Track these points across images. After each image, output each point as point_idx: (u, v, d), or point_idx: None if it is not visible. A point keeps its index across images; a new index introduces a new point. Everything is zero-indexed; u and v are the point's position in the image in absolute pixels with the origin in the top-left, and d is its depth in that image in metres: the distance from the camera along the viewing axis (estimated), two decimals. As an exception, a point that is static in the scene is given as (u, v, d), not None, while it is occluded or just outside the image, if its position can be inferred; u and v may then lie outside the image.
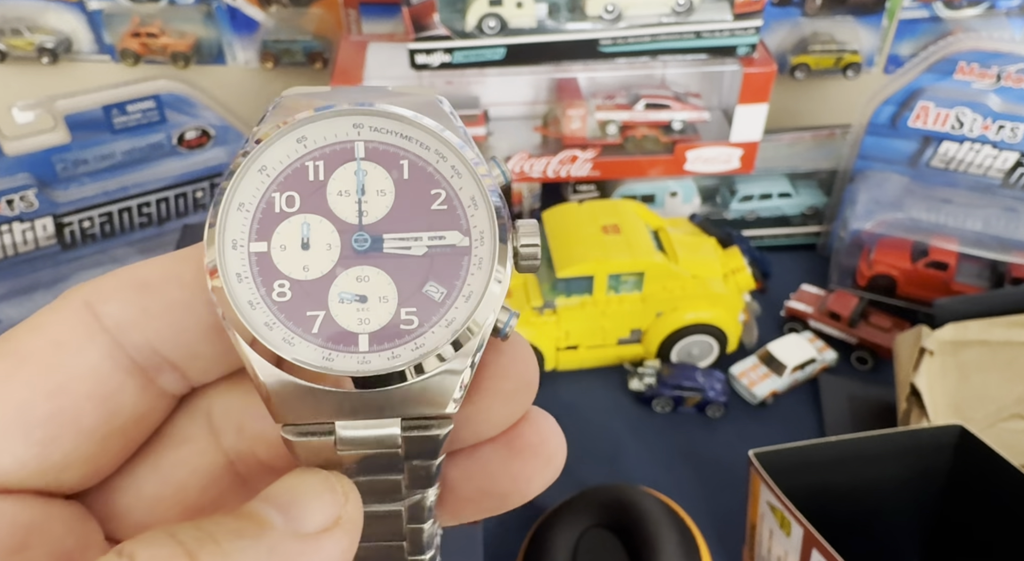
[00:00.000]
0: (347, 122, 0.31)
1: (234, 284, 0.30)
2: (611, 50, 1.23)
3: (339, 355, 0.30)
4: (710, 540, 0.94)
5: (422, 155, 0.31)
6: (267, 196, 0.31)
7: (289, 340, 0.30)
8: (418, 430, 0.31)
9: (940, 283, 1.24)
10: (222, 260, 0.30)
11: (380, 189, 0.31)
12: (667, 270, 1.15)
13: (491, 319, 0.31)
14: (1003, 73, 1.24)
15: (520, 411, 0.33)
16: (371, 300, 0.30)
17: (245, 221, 0.31)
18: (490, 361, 0.32)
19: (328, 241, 0.31)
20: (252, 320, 0.30)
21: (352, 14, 1.39)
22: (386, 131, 0.31)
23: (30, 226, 1.22)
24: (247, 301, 0.30)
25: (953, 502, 0.87)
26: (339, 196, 0.31)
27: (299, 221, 0.31)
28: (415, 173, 0.31)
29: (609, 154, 1.32)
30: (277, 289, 0.30)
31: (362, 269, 0.31)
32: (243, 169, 0.31)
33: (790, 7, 1.39)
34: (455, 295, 0.31)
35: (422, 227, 0.31)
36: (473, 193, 0.31)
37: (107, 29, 1.39)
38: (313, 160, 0.31)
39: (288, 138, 0.31)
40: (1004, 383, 1.03)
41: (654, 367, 1.19)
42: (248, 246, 0.31)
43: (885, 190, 1.33)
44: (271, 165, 0.31)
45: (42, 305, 0.32)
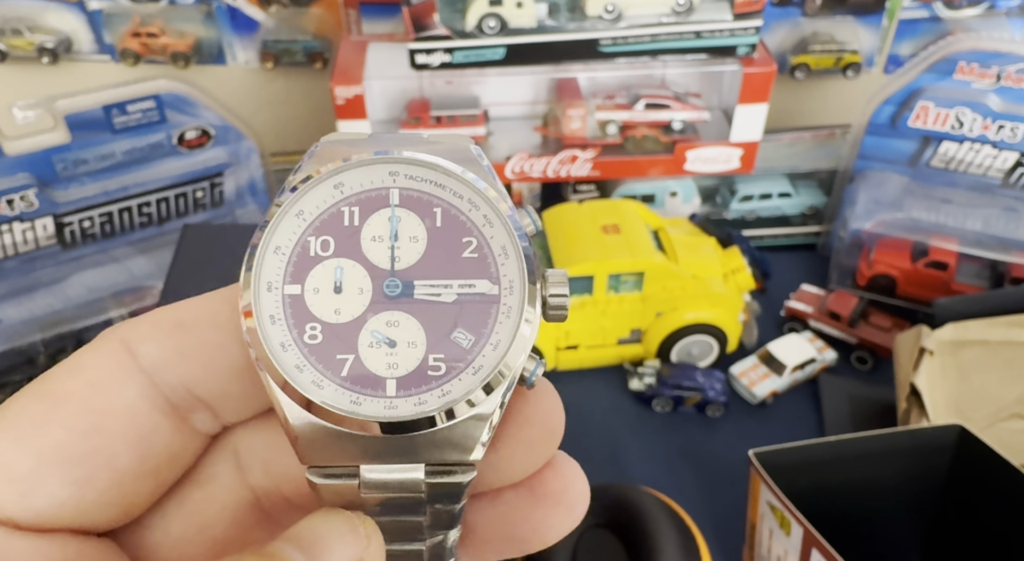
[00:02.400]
0: (384, 170, 0.32)
1: (267, 326, 0.31)
2: (611, 50, 1.23)
3: (366, 399, 0.31)
4: (710, 540, 0.94)
5: (455, 203, 0.32)
6: (303, 240, 0.32)
7: (318, 383, 0.30)
8: (442, 476, 0.31)
9: (940, 283, 1.24)
10: (257, 302, 0.31)
11: (413, 235, 0.32)
12: (667, 270, 1.15)
13: (519, 366, 0.31)
14: (1003, 73, 1.24)
15: (543, 459, 0.33)
16: (400, 345, 0.31)
17: (280, 264, 0.31)
18: (515, 409, 0.32)
19: (360, 285, 0.31)
20: (283, 362, 0.30)
21: (352, 14, 1.39)
22: (421, 179, 0.32)
23: (30, 226, 1.22)
24: (279, 343, 0.31)
25: (953, 502, 0.87)
26: (373, 241, 0.31)
27: (333, 265, 0.31)
28: (448, 221, 0.32)
29: (609, 154, 1.32)
30: (309, 332, 0.31)
31: (392, 314, 0.31)
32: (281, 213, 0.31)
33: (790, 7, 1.39)
34: (483, 343, 0.31)
35: (453, 275, 0.31)
36: (504, 242, 0.32)
37: (107, 29, 1.39)
38: (349, 206, 0.32)
39: (326, 184, 0.32)
40: (1004, 383, 1.03)
41: (654, 367, 1.19)
42: (282, 289, 0.31)
43: (885, 190, 1.33)
44: (308, 210, 0.32)
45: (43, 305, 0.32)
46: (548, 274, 0.32)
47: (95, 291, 1.23)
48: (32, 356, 1.16)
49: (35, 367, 1.16)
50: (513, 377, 0.31)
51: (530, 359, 0.31)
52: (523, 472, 0.33)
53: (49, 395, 0.30)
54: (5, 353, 1.15)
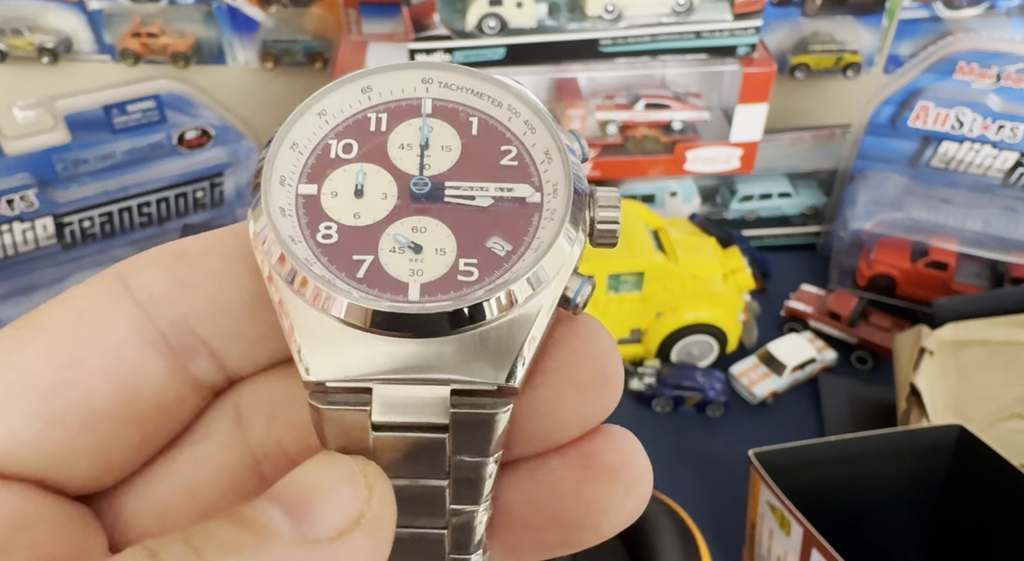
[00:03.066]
0: (416, 76, 0.29)
1: (277, 217, 0.27)
2: (611, 50, 1.23)
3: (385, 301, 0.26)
4: (710, 540, 0.94)
5: (493, 113, 0.29)
6: (323, 142, 0.29)
7: (328, 280, 0.26)
8: (470, 407, 0.26)
9: (940, 283, 1.24)
10: (267, 192, 0.27)
11: (445, 145, 0.29)
12: (667, 270, 1.15)
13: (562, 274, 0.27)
14: (1003, 73, 1.24)
15: (598, 411, 0.27)
16: (426, 251, 0.27)
17: (296, 161, 0.28)
18: (561, 341, 0.27)
19: (384, 190, 0.28)
20: (294, 252, 0.26)
21: (352, 14, 1.39)
22: (456, 87, 0.29)
23: (30, 226, 1.22)
24: (288, 235, 0.27)
25: (953, 502, 0.87)
26: (400, 149, 0.29)
27: (354, 169, 0.28)
28: (484, 130, 0.29)
29: (609, 154, 1.32)
30: (323, 231, 0.27)
31: (419, 219, 0.28)
32: (301, 109, 0.29)
33: (790, 7, 1.39)
34: (523, 250, 0.27)
35: (489, 178, 0.28)
36: (547, 146, 0.28)
37: (107, 29, 1.39)
38: (376, 112, 0.29)
39: (352, 86, 0.29)
40: (1004, 383, 1.03)
41: (654, 367, 1.19)
42: (296, 187, 0.28)
43: (885, 190, 1.33)
44: (331, 111, 0.29)
45: None
46: (598, 191, 0.28)
47: (95, 291, 1.23)
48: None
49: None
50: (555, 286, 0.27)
51: (575, 277, 0.27)
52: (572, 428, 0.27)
53: (29, 324, 0.26)
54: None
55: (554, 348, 0.27)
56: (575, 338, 0.27)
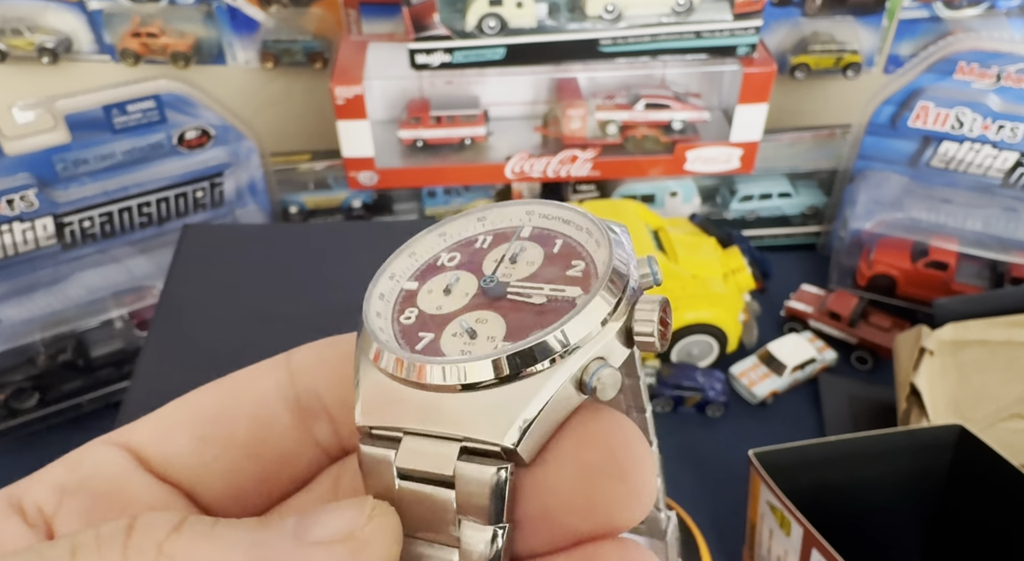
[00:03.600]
0: (521, 209, 0.35)
1: (374, 299, 0.33)
2: (611, 50, 1.23)
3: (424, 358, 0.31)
4: (710, 540, 0.94)
5: (578, 238, 0.33)
6: (437, 255, 0.34)
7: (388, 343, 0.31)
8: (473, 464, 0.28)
9: (940, 283, 1.24)
10: (375, 282, 0.33)
11: (530, 261, 0.33)
12: (667, 270, 1.15)
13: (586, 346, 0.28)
14: (1003, 73, 1.24)
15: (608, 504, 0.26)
16: (480, 337, 0.31)
17: (410, 266, 0.34)
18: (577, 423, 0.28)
19: (467, 291, 0.33)
20: (371, 324, 0.32)
21: (352, 14, 1.39)
22: (552, 217, 0.34)
23: (30, 226, 1.22)
24: (376, 311, 0.32)
25: (953, 502, 0.87)
26: (494, 262, 0.33)
27: (452, 275, 0.33)
28: (565, 249, 0.33)
29: (609, 154, 1.32)
30: (406, 314, 0.33)
31: (484, 313, 0.32)
32: (427, 231, 0.35)
33: (790, 7, 1.39)
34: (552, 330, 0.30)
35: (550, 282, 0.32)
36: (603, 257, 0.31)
37: (107, 29, 1.39)
38: (484, 234, 0.35)
39: (471, 216, 0.35)
40: (1004, 383, 1.03)
41: (654, 367, 1.19)
42: (402, 282, 0.34)
43: (885, 190, 1.33)
44: (450, 233, 0.35)
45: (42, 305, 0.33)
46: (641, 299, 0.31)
47: (95, 291, 1.23)
48: (32, 356, 1.16)
49: (35, 367, 1.16)
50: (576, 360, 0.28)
51: (596, 360, 0.28)
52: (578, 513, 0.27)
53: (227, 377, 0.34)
54: (5, 353, 1.15)
55: (569, 430, 0.28)
56: (592, 422, 0.28)
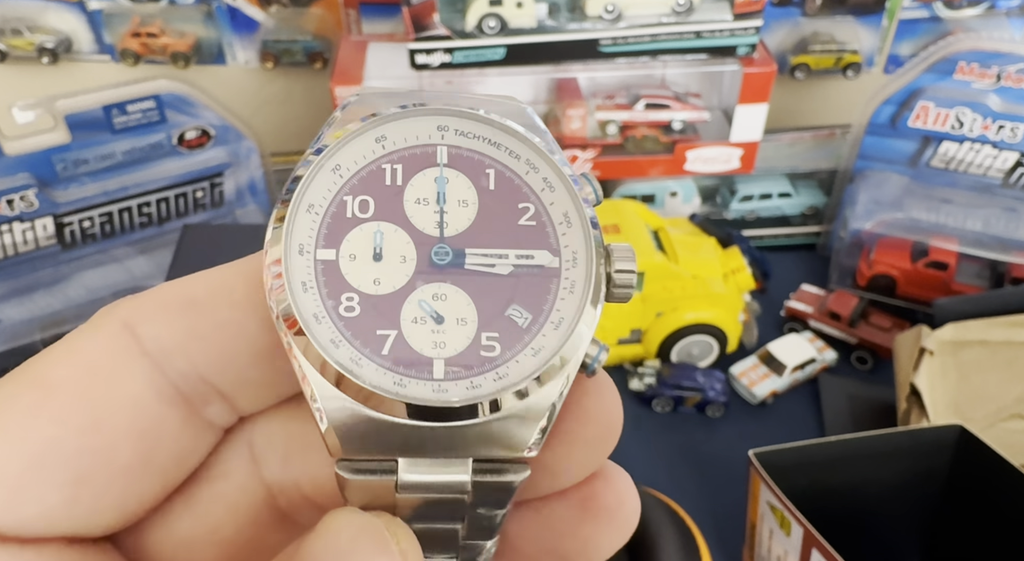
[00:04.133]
0: (431, 123, 0.28)
1: (299, 293, 0.27)
2: (611, 50, 1.23)
3: (411, 381, 0.27)
4: (710, 540, 0.94)
5: (511, 165, 0.28)
6: (338, 199, 0.28)
7: (356, 361, 0.27)
8: (491, 475, 0.27)
9: (940, 283, 1.24)
10: (288, 265, 0.27)
11: (463, 199, 0.28)
12: (667, 270, 1.15)
13: (582, 351, 0.28)
14: (1003, 73, 1.24)
15: (600, 460, 0.29)
16: (448, 321, 0.27)
17: (313, 224, 0.28)
18: (573, 401, 0.28)
19: (403, 253, 0.28)
20: (319, 336, 0.27)
21: (352, 14, 1.39)
22: (473, 136, 0.29)
23: (30, 226, 1.22)
24: (312, 314, 0.27)
25: (953, 502, 0.87)
26: (417, 204, 0.28)
27: (372, 229, 0.28)
28: (502, 184, 0.28)
29: (609, 154, 1.32)
30: (345, 303, 0.27)
31: (439, 287, 0.28)
32: (316, 166, 0.28)
33: (790, 7, 1.39)
34: (542, 321, 0.28)
35: (508, 244, 0.28)
36: (567, 209, 0.28)
37: (107, 29, 1.39)
38: (391, 163, 0.28)
39: (367, 136, 0.28)
40: (1004, 383, 1.03)
41: (654, 367, 1.19)
42: (315, 253, 0.27)
43: (885, 190, 1.33)
44: (345, 164, 0.28)
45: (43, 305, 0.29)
46: (612, 248, 0.29)
47: (95, 291, 1.23)
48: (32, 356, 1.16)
49: (35, 367, 1.17)
50: (574, 365, 0.28)
51: (592, 343, 0.28)
52: (576, 476, 0.29)
53: (40, 384, 0.26)
54: (5, 353, 1.15)
55: (567, 408, 0.28)
56: (586, 397, 0.29)
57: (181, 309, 0.27)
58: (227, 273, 0.28)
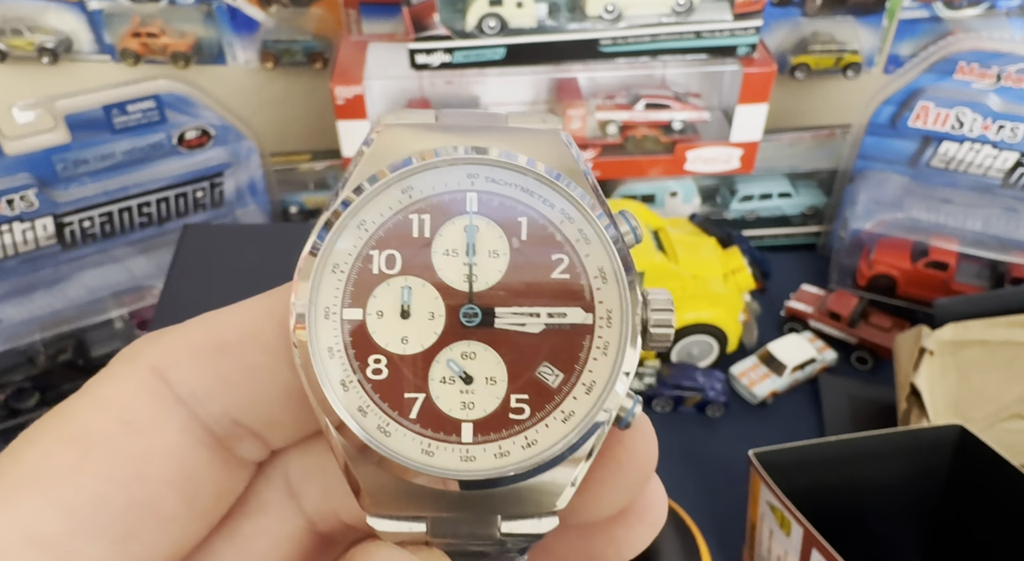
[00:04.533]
0: (461, 172, 0.27)
1: (326, 361, 0.26)
2: (611, 50, 1.23)
3: (440, 447, 0.26)
4: (710, 540, 0.94)
5: (544, 213, 0.27)
6: (364, 253, 0.27)
7: (384, 428, 0.26)
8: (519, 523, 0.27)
9: (940, 283, 1.24)
10: (313, 332, 0.26)
11: (493, 249, 0.27)
12: (667, 270, 1.15)
13: (614, 414, 0.27)
14: (1003, 73, 1.24)
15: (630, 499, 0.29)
16: (477, 381, 0.27)
17: (339, 284, 0.27)
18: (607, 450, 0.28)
19: (431, 309, 0.27)
20: (347, 405, 0.26)
21: (352, 14, 1.39)
22: (505, 183, 0.27)
23: (30, 226, 1.22)
24: (340, 381, 0.26)
25: (953, 502, 0.87)
26: (446, 256, 0.27)
27: (399, 284, 0.27)
28: (535, 233, 0.27)
29: (609, 154, 1.32)
30: (372, 366, 0.27)
31: (469, 345, 0.27)
32: (341, 223, 0.27)
33: (790, 7, 1.39)
34: (573, 381, 0.27)
35: (540, 300, 0.27)
36: (602, 264, 0.27)
37: (107, 29, 1.39)
38: (418, 213, 0.27)
39: (391, 190, 0.27)
40: (1004, 383, 1.03)
41: (654, 367, 1.19)
42: (341, 314, 0.27)
43: (885, 190, 1.33)
44: (371, 219, 0.27)
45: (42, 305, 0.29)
46: (650, 297, 0.27)
47: (95, 291, 1.23)
48: (32, 356, 1.16)
49: (35, 367, 1.16)
50: (605, 429, 0.27)
51: (627, 397, 0.27)
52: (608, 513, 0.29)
53: (77, 439, 0.26)
54: (5, 353, 1.15)
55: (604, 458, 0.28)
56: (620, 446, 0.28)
57: (211, 354, 0.27)
58: (255, 314, 0.28)
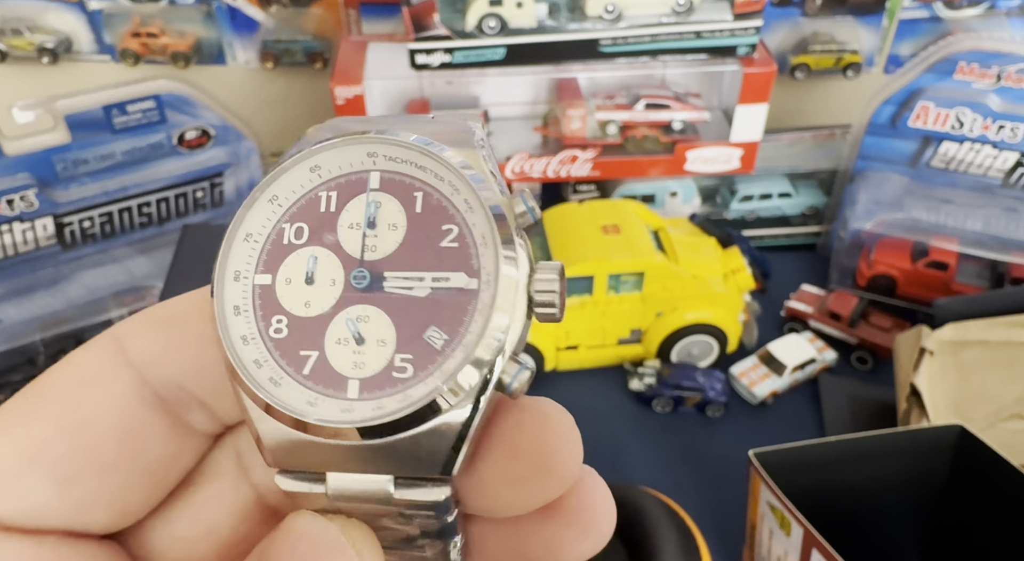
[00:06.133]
0: (361, 151, 0.29)
1: (230, 317, 0.29)
2: (611, 50, 1.23)
3: (323, 400, 0.28)
4: (710, 540, 0.94)
5: (437, 186, 0.29)
6: (277, 227, 0.30)
7: (276, 380, 0.28)
8: (411, 489, 0.28)
9: (940, 283, 1.24)
10: (220, 291, 0.29)
11: (392, 223, 0.29)
12: (667, 270, 1.15)
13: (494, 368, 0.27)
14: (1003, 73, 1.24)
15: (535, 501, 0.28)
16: (368, 342, 0.28)
17: (252, 252, 0.30)
18: (502, 433, 0.28)
19: (333, 276, 0.29)
20: (243, 357, 0.28)
21: (352, 14, 1.39)
22: (401, 160, 0.29)
23: (30, 226, 1.22)
24: (240, 336, 0.29)
25: (953, 502, 0.87)
26: (350, 229, 0.29)
27: (307, 254, 0.29)
28: (429, 206, 0.29)
29: (609, 154, 1.32)
30: (275, 325, 0.29)
31: (363, 308, 0.28)
32: (252, 198, 0.30)
33: (790, 7, 1.39)
34: (456, 343, 0.28)
35: (428, 266, 0.28)
36: (483, 231, 0.28)
37: (107, 29, 1.39)
38: (327, 190, 0.30)
39: (301, 167, 0.30)
40: (1004, 383, 1.03)
41: (654, 367, 1.19)
42: (252, 278, 0.29)
43: (885, 190, 1.33)
44: (283, 194, 0.30)
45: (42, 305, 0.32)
46: (538, 267, 0.29)
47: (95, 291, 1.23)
48: (32, 356, 1.16)
49: (35, 367, 1.17)
50: (484, 380, 0.27)
51: (512, 362, 0.28)
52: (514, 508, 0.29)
53: (37, 392, 0.29)
54: (5, 353, 1.15)
55: (494, 437, 0.28)
56: (516, 430, 0.28)
57: (161, 323, 0.30)
58: (205, 292, 0.31)
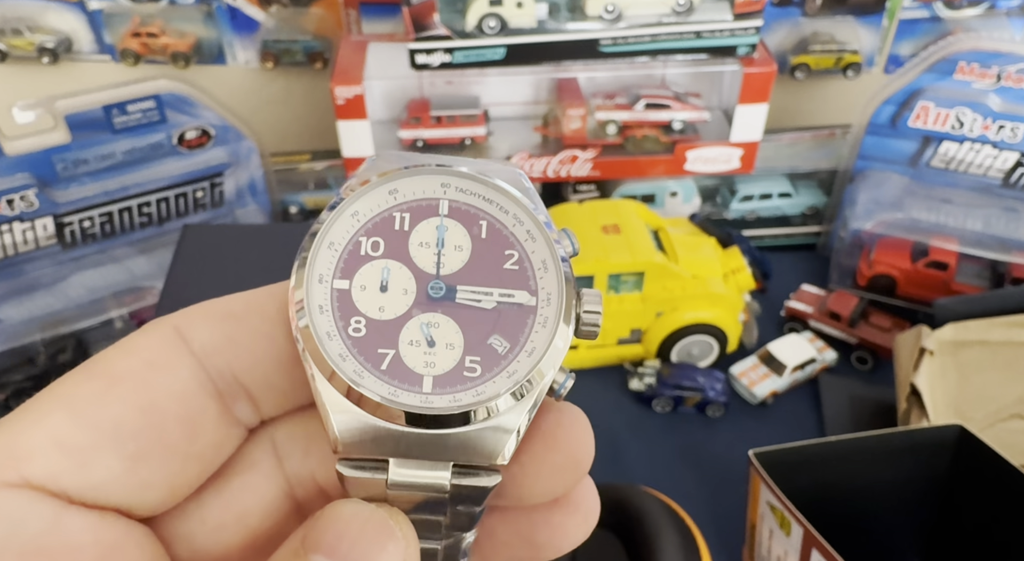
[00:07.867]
0: (436, 181, 0.34)
1: (316, 314, 0.32)
2: (611, 50, 1.23)
3: (403, 393, 0.32)
4: (710, 540, 0.94)
5: (500, 218, 0.34)
6: (355, 239, 0.33)
7: (359, 373, 0.32)
8: (468, 477, 0.32)
9: (940, 283, 1.24)
10: (308, 291, 0.32)
11: (458, 245, 0.33)
12: (667, 270, 1.15)
13: (550, 375, 0.32)
14: (1003, 73, 1.24)
15: (565, 487, 0.33)
16: (438, 345, 0.32)
17: (332, 259, 0.33)
18: (544, 429, 0.33)
19: (405, 287, 0.33)
20: (329, 350, 0.32)
21: (352, 14, 1.39)
22: (470, 193, 0.34)
23: (30, 226, 1.22)
24: (326, 332, 0.32)
25: (953, 502, 0.87)
26: (420, 247, 0.33)
27: (380, 265, 0.33)
28: (492, 233, 0.33)
29: (609, 154, 1.32)
30: (353, 325, 0.32)
31: (433, 316, 0.33)
32: (338, 211, 0.33)
33: (790, 7, 1.39)
34: (518, 350, 0.32)
35: (494, 283, 0.33)
36: (544, 257, 0.33)
37: (107, 29, 1.39)
38: (400, 211, 0.33)
39: (381, 189, 0.33)
40: (1004, 383, 1.03)
41: (654, 367, 1.19)
42: (331, 282, 0.33)
43: (885, 190, 1.33)
44: (362, 211, 0.33)
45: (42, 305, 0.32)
46: (584, 293, 0.33)
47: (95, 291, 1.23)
48: (32, 356, 1.16)
49: (35, 367, 1.17)
50: (544, 385, 0.32)
51: (560, 371, 0.33)
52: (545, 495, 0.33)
53: (104, 374, 0.31)
54: (5, 353, 1.15)
55: (539, 432, 0.33)
56: (558, 428, 0.33)
57: (222, 318, 0.33)
58: (260, 293, 0.34)
